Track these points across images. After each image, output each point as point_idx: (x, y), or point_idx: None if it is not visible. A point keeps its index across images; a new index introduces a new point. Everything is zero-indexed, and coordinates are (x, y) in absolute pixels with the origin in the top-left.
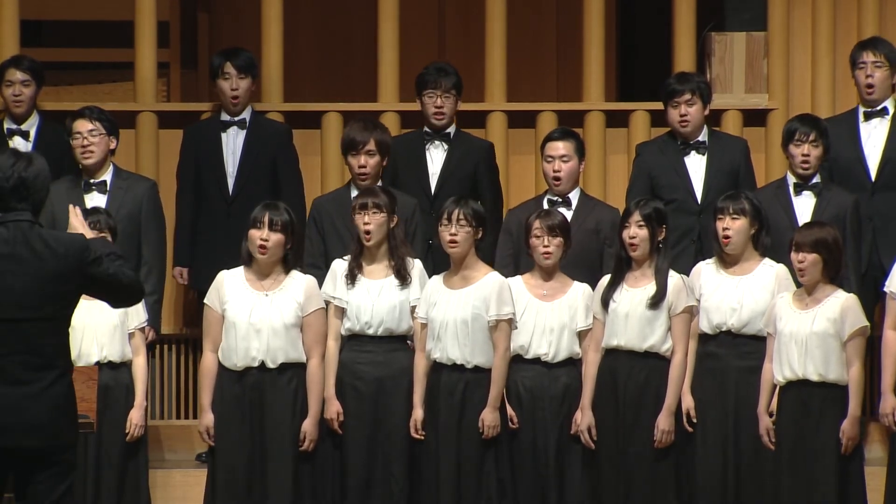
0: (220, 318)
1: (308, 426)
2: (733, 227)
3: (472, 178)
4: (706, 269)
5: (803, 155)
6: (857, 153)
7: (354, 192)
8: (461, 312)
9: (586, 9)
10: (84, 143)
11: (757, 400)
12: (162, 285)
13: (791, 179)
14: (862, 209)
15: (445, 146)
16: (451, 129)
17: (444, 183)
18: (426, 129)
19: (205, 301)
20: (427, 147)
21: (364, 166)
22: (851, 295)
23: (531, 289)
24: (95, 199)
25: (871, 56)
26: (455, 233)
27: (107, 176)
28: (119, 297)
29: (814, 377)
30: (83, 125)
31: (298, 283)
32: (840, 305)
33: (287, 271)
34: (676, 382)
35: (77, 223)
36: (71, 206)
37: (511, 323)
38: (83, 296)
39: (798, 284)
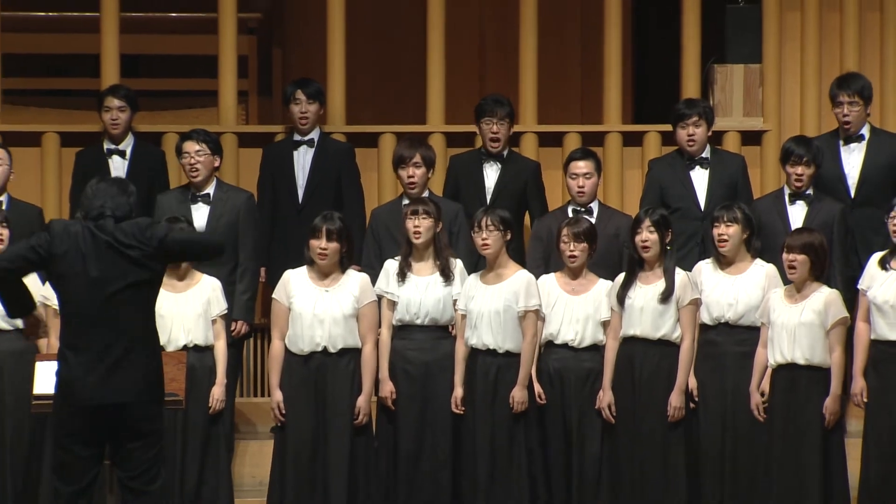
0: (287, 311)
1: (362, 403)
2: (728, 232)
3: (521, 193)
4: (706, 269)
5: (797, 174)
6: (839, 172)
7: (405, 202)
8: (495, 304)
9: (606, 43)
10: (192, 162)
11: (749, 382)
12: (256, 284)
13: (787, 190)
14: (849, 218)
15: (499, 165)
16: (505, 150)
17: (497, 196)
18: (482, 149)
19: (273, 296)
20: (483, 165)
21: (412, 177)
22: (834, 290)
23: (561, 284)
24: (201, 209)
25: (846, 97)
26: (486, 237)
27: (210, 189)
28: (200, 254)
29: (801, 361)
30: (191, 146)
31: (354, 279)
32: (824, 299)
33: (343, 270)
34: (686, 365)
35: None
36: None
37: (538, 313)
38: (171, 289)
39: (785, 281)
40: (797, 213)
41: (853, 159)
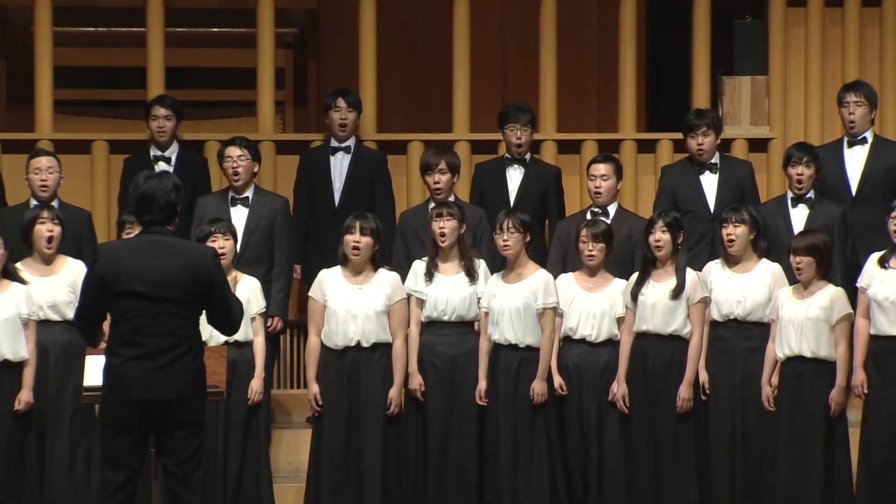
0: (322, 308)
1: (393, 394)
2: (735, 233)
3: (543, 197)
4: (715, 268)
5: (798, 175)
6: (841, 174)
7: (432, 206)
8: (515, 302)
9: (622, 56)
10: (234, 166)
11: (758, 374)
12: (290, 283)
13: (789, 195)
14: (848, 219)
15: (522, 169)
16: (527, 155)
17: (520, 200)
18: (507, 155)
19: (310, 294)
20: (507, 170)
21: (438, 183)
22: (839, 288)
23: (579, 282)
24: (239, 212)
25: (854, 97)
26: (507, 239)
27: (249, 193)
28: (221, 321)
29: (807, 354)
30: (234, 151)
31: (385, 278)
32: (829, 297)
33: (375, 269)
34: (694, 359)
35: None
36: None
37: (555, 310)
38: None
39: (790, 279)
40: (799, 216)
41: (856, 161)
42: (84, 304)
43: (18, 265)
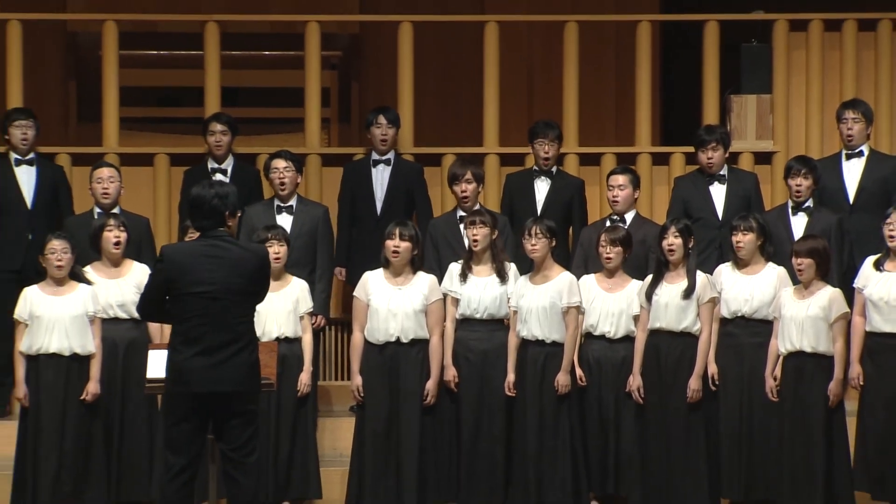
0: (366, 307)
1: (430, 386)
2: (744, 239)
3: (567, 206)
4: (725, 270)
5: (797, 185)
6: (840, 184)
7: (459, 213)
8: (542, 301)
9: (638, 76)
10: (281, 177)
11: (764, 367)
12: (330, 284)
13: (790, 203)
14: (844, 226)
15: (549, 181)
16: (553, 168)
17: (546, 208)
18: (535, 167)
19: (354, 294)
20: (534, 181)
21: (465, 192)
22: (837, 289)
23: (600, 283)
24: (284, 219)
25: (851, 113)
26: (535, 244)
27: (293, 202)
28: None
29: (808, 349)
30: (280, 163)
31: (423, 279)
32: (828, 297)
33: (414, 272)
34: (703, 353)
35: None
36: None
37: (578, 309)
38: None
39: (794, 281)
40: (799, 223)
41: (853, 173)
42: (147, 300)
43: (88, 268)
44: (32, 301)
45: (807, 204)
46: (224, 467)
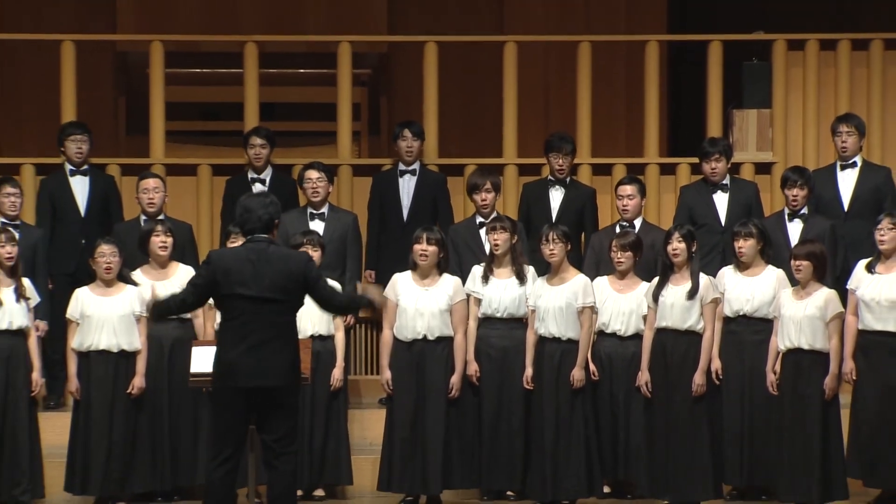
0: (395, 306)
1: (454, 379)
2: (745, 244)
3: (580, 213)
4: (728, 272)
5: (793, 195)
6: (835, 193)
7: (478, 220)
8: (558, 301)
9: (646, 92)
10: (313, 187)
11: (765, 363)
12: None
13: (786, 211)
14: (837, 231)
15: (563, 190)
16: (567, 178)
17: (561, 216)
18: (550, 177)
19: (384, 294)
20: (550, 190)
21: (485, 200)
22: (832, 290)
23: (611, 285)
24: (316, 225)
25: (845, 127)
26: (552, 248)
27: (325, 209)
28: (331, 306)
29: (805, 346)
30: (313, 174)
31: (448, 281)
32: (824, 297)
33: (440, 273)
34: (707, 350)
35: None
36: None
37: (592, 309)
38: None
39: (792, 282)
40: (795, 229)
41: (847, 182)
42: (177, 298)
43: (137, 271)
44: (83, 301)
45: (802, 211)
46: (265, 457)
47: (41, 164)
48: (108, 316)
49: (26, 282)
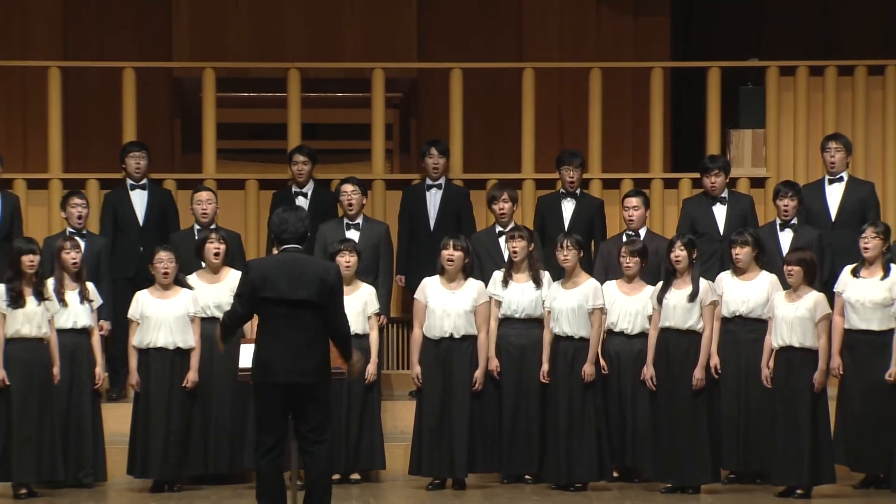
0: (424, 307)
1: (478, 374)
2: (741, 251)
3: (590, 223)
4: (725, 277)
5: (784, 206)
6: (823, 205)
7: (497, 229)
8: (571, 303)
9: (651, 113)
10: (349, 199)
11: (759, 359)
12: (391, 289)
13: (778, 221)
14: (824, 240)
15: (574, 202)
16: (578, 190)
17: (572, 225)
18: (562, 190)
19: (415, 296)
20: (562, 202)
21: (503, 209)
22: (821, 293)
23: (620, 288)
24: (352, 234)
25: (833, 144)
26: (566, 254)
27: (360, 220)
28: (331, 326)
29: (796, 344)
30: (348, 188)
31: (472, 285)
32: (814, 300)
33: (465, 278)
34: (706, 348)
35: None
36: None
37: (602, 310)
38: None
39: (784, 286)
40: (785, 238)
41: (834, 195)
42: (235, 314)
43: (193, 275)
44: (143, 303)
45: (793, 221)
46: (301, 445)
47: (105, 179)
48: (165, 316)
49: (90, 285)
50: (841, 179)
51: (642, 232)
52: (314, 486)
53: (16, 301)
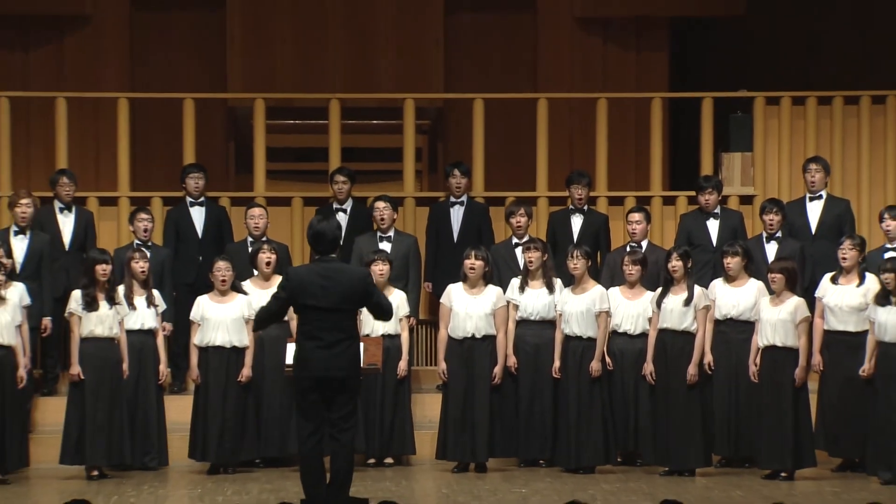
0: (449, 310)
1: (497, 370)
2: (732, 261)
3: (596, 236)
4: (718, 283)
5: (770, 220)
6: (805, 220)
7: (514, 241)
8: (580, 307)
9: (652, 137)
10: (381, 214)
11: (748, 357)
12: (419, 294)
13: (764, 234)
14: (806, 251)
15: (582, 217)
16: (585, 207)
17: (581, 238)
18: (571, 206)
19: (441, 301)
20: (571, 218)
21: (519, 223)
22: (801, 299)
23: (623, 293)
24: (384, 245)
25: (814, 166)
26: (576, 264)
27: (391, 233)
28: (380, 314)
29: (779, 344)
30: (381, 204)
31: (492, 290)
32: (795, 304)
33: (485, 284)
34: (699, 347)
35: None
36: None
37: (608, 313)
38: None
39: (770, 292)
40: (771, 249)
41: (814, 211)
42: (270, 311)
43: (247, 282)
44: (203, 306)
45: (777, 234)
46: (330, 430)
47: (167, 197)
48: (222, 318)
49: (155, 291)
50: (820, 197)
51: (644, 244)
52: (338, 472)
53: (90, 305)
